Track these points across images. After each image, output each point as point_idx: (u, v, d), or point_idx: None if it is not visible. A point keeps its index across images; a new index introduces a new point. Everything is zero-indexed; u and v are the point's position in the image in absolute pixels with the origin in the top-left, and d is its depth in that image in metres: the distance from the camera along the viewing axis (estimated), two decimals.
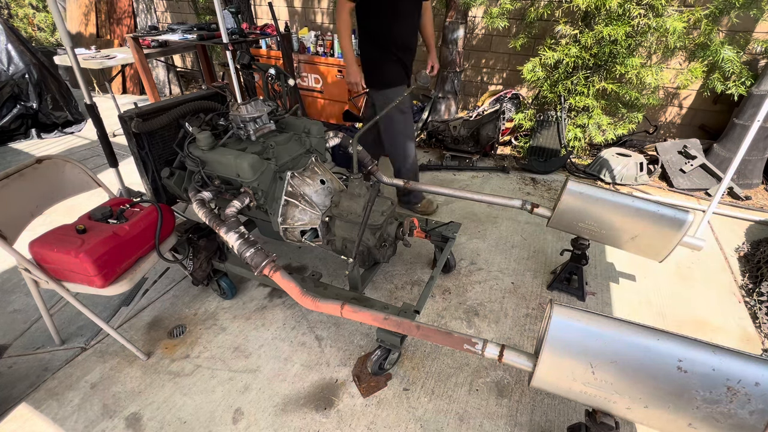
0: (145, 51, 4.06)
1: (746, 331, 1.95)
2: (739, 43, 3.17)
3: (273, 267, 1.53)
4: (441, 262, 1.98)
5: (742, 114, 3.06)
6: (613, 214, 1.82)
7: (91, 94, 2.46)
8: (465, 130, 3.55)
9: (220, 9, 2.87)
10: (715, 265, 2.38)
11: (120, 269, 1.62)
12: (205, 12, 5.61)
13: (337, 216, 1.76)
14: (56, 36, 6.44)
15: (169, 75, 5.95)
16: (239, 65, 2.84)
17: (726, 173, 2.20)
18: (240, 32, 4.04)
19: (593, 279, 2.26)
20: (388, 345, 1.62)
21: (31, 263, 1.52)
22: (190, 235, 1.92)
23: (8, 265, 2.34)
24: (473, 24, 4.25)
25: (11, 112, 4.03)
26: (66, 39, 2.06)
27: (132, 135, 1.79)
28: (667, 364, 0.99)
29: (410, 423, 1.54)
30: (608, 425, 1.18)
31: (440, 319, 2.01)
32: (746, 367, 0.94)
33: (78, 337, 1.90)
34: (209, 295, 2.15)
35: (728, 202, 3.01)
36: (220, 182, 1.77)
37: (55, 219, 2.37)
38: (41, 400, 1.62)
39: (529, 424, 1.54)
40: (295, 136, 1.93)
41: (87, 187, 1.87)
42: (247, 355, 1.81)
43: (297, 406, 1.60)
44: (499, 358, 1.23)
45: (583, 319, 1.09)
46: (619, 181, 3.25)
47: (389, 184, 2.27)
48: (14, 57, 3.99)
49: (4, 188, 1.57)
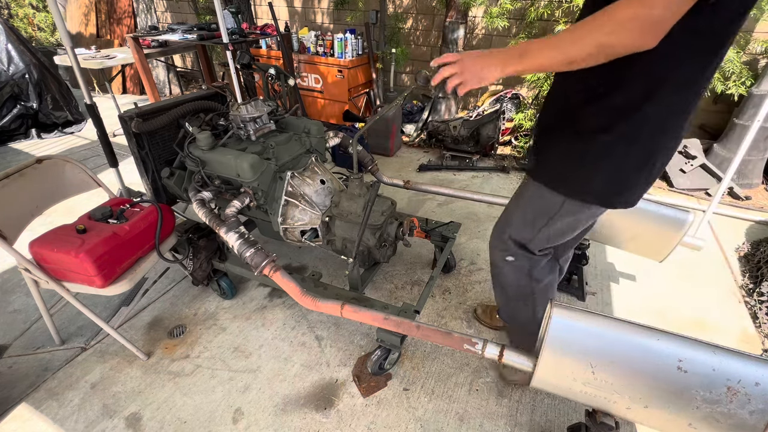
0: (145, 51, 4.05)
1: (746, 331, 1.95)
2: (739, 43, 3.17)
3: (273, 267, 1.53)
4: (441, 262, 1.98)
5: (742, 114, 3.05)
6: (613, 214, 1.82)
7: (91, 94, 2.46)
8: (465, 130, 3.55)
9: (220, 9, 2.87)
10: (715, 265, 2.38)
11: (120, 269, 1.62)
12: (205, 12, 5.61)
13: (337, 216, 1.76)
14: (56, 36, 6.43)
15: (169, 75, 5.95)
16: (239, 65, 2.84)
17: (726, 173, 2.20)
18: (240, 32, 4.04)
19: (593, 279, 2.26)
20: (388, 345, 1.62)
21: (31, 263, 1.52)
22: (190, 235, 1.91)
23: (8, 265, 2.34)
24: (473, 24, 4.24)
25: (11, 112, 4.03)
26: (66, 39, 2.06)
27: (132, 135, 1.79)
28: (667, 364, 0.99)
29: (410, 423, 1.54)
30: (608, 425, 1.18)
31: (440, 319, 2.01)
32: (746, 367, 0.94)
33: (78, 337, 1.90)
34: (209, 295, 2.15)
35: (728, 202, 3.01)
36: (220, 182, 1.77)
37: (55, 219, 2.38)
38: (41, 400, 1.62)
39: (529, 424, 1.54)
40: (295, 136, 1.93)
41: (87, 187, 1.87)
42: (247, 355, 1.81)
43: (297, 406, 1.60)
44: (499, 358, 1.23)
45: (583, 319, 1.09)
46: None
47: (389, 184, 2.27)
48: (14, 57, 3.99)
49: (4, 188, 1.57)
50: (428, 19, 4.45)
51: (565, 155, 1.16)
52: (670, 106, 0.99)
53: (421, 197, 3.07)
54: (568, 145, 1.15)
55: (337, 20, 4.96)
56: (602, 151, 1.08)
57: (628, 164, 1.08)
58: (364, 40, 4.10)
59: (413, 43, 4.65)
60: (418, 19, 4.51)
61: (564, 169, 1.17)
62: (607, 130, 1.04)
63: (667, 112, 0.99)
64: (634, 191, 1.14)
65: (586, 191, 1.15)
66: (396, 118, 3.76)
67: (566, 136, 1.14)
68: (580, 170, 1.13)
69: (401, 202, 3.00)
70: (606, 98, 1.02)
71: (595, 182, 1.12)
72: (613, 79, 0.98)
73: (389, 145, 3.78)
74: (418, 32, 4.58)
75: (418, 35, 4.60)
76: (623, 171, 1.09)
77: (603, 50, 0.86)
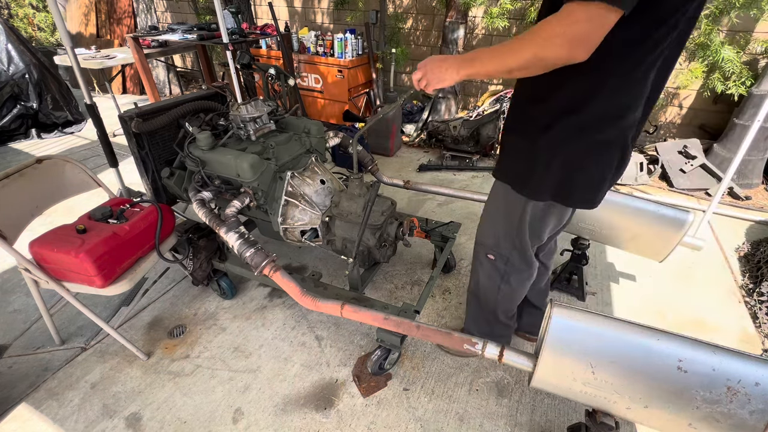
0: (145, 51, 4.05)
1: (746, 331, 1.95)
2: (739, 43, 3.17)
3: (273, 267, 1.53)
4: (441, 262, 1.98)
5: (742, 114, 3.05)
6: (613, 214, 1.82)
7: (91, 94, 2.46)
8: (465, 130, 3.55)
9: (220, 9, 2.87)
10: (715, 265, 2.38)
11: (120, 269, 1.62)
12: (205, 12, 5.61)
13: (337, 216, 1.76)
14: (56, 36, 6.43)
15: (169, 75, 5.95)
16: (239, 65, 2.84)
17: (726, 173, 2.20)
18: (240, 32, 4.04)
19: (593, 279, 2.26)
20: (388, 345, 1.62)
21: (31, 263, 1.52)
22: (190, 235, 1.91)
23: (8, 265, 2.34)
24: (473, 24, 4.25)
25: (11, 112, 4.03)
26: (66, 39, 2.06)
27: (132, 135, 1.79)
28: (667, 364, 0.99)
29: (410, 423, 1.54)
30: (608, 425, 1.18)
31: (440, 319, 2.01)
32: (746, 367, 0.94)
33: (78, 337, 1.90)
34: (209, 295, 2.15)
35: (728, 202, 3.01)
36: (220, 182, 1.77)
37: (55, 219, 2.38)
38: (41, 400, 1.62)
39: (529, 424, 1.54)
40: (295, 136, 1.93)
41: (87, 187, 1.87)
42: (247, 355, 1.81)
43: (297, 406, 1.60)
44: (499, 358, 1.23)
45: (583, 319, 1.09)
46: (619, 181, 3.25)
47: (389, 184, 2.27)
48: (14, 57, 3.99)
49: (4, 188, 1.57)
50: (428, 19, 4.45)
51: (519, 157, 1.22)
52: (607, 109, 1.03)
53: (421, 197, 3.07)
54: (520, 147, 1.21)
55: (337, 20, 4.96)
56: (548, 151, 1.13)
57: (573, 164, 1.12)
58: (364, 40, 4.10)
59: (413, 43, 4.65)
60: (418, 19, 4.52)
61: (521, 170, 1.22)
62: (549, 130, 1.10)
63: (603, 114, 1.04)
64: (588, 191, 1.17)
65: (542, 191, 1.20)
66: (396, 118, 3.76)
67: (520, 138, 1.21)
68: (534, 171, 1.18)
69: (401, 202, 3.00)
70: (549, 101, 1.08)
71: (548, 182, 1.17)
72: (554, 82, 1.03)
73: (389, 145, 3.78)
74: (418, 32, 4.58)
75: (418, 35, 4.60)
76: (570, 171, 1.13)
77: (537, 62, 0.91)
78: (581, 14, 0.82)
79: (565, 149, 1.11)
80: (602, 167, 1.13)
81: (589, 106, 1.03)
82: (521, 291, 1.53)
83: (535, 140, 1.14)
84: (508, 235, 1.36)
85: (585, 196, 1.18)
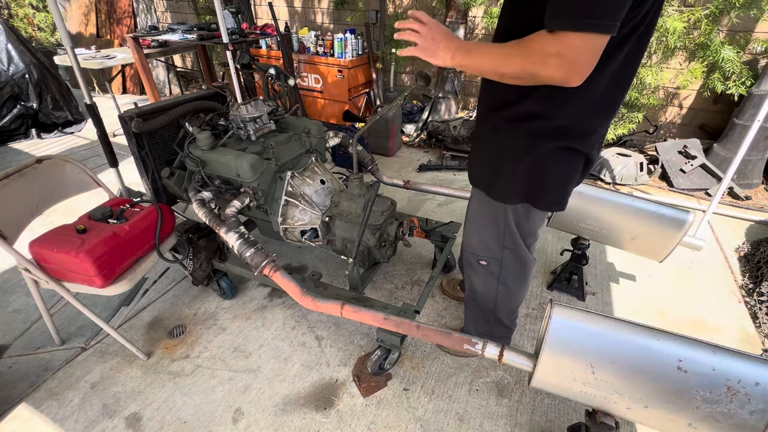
0: (145, 51, 4.05)
1: (746, 331, 1.95)
2: (739, 43, 3.17)
3: (273, 267, 1.53)
4: (441, 262, 1.98)
5: (742, 114, 3.05)
6: (613, 214, 1.82)
7: (91, 94, 2.46)
8: (465, 130, 3.55)
9: (220, 9, 2.87)
10: (715, 265, 2.38)
11: (120, 269, 1.62)
12: (205, 12, 5.61)
13: (337, 216, 1.76)
14: (56, 36, 6.43)
15: (169, 75, 5.95)
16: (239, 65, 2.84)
17: (726, 173, 2.19)
18: (240, 32, 4.03)
19: (593, 279, 2.26)
20: (388, 345, 1.62)
21: (31, 263, 1.52)
22: (190, 235, 1.91)
23: (8, 265, 2.34)
24: (473, 24, 4.24)
25: (11, 112, 4.02)
26: (66, 39, 2.06)
27: (132, 135, 1.79)
28: (667, 364, 0.99)
29: (410, 423, 1.54)
30: (608, 425, 1.18)
31: (440, 319, 2.01)
32: (746, 367, 0.94)
33: (78, 337, 1.90)
34: (209, 295, 2.15)
35: (728, 202, 3.01)
36: (220, 182, 1.77)
37: (55, 219, 2.38)
38: (41, 400, 1.62)
39: (529, 424, 1.54)
40: (295, 136, 1.93)
41: (87, 187, 1.87)
42: (247, 355, 1.81)
43: (297, 406, 1.60)
44: (499, 358, 1.23)
45: (583, 319, 1.09)
46: (619, 181, 3.25)
47: (389, 184, 2.27)
48: (14, 57, 3.98)
49: (4, 188, 1.57)
50: None
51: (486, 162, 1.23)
52: (571, 114, 1.04)
53: (421, 197, 3.07)
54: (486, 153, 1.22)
55: (337, 20, 4.96)
56: (513, 157, 1.14)
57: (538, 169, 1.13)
58: (364, 40, 4.10)
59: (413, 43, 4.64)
60: None
61: (489, 177, 1.23)
62: (512, 137, 1.12)
63: (567, 120, 1.05)
64: (556, 194, 1.18)
65: (512, 194, 1.21)
66: (396, 118, 3.76)
67: (486, 145, 1.21)
68: (500, 177, 1.19)
69: (401, 202, 3.00)
70: (512, 107, 1.09)
71: (515, 187, 1.18)
72: (518, 89, 1.02)
73: (389, 145, 3.78)
74: None
75: None
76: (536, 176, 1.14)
77: (529, 77, 0.91)
78: (578, 44, 0.82)
79: (530, 155, 1.11)
80: (567, 172, 1.14)
81: (553, 112, 1.04)
82: (520, 290, 1.53)
83: (500, 146, 1.15)
84: (498, 239, 1.36)
85: (553, 198, 1.19)
